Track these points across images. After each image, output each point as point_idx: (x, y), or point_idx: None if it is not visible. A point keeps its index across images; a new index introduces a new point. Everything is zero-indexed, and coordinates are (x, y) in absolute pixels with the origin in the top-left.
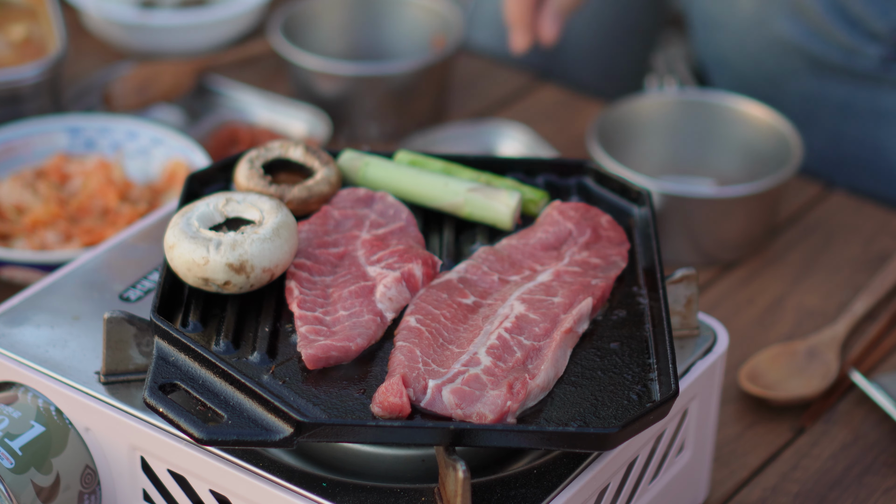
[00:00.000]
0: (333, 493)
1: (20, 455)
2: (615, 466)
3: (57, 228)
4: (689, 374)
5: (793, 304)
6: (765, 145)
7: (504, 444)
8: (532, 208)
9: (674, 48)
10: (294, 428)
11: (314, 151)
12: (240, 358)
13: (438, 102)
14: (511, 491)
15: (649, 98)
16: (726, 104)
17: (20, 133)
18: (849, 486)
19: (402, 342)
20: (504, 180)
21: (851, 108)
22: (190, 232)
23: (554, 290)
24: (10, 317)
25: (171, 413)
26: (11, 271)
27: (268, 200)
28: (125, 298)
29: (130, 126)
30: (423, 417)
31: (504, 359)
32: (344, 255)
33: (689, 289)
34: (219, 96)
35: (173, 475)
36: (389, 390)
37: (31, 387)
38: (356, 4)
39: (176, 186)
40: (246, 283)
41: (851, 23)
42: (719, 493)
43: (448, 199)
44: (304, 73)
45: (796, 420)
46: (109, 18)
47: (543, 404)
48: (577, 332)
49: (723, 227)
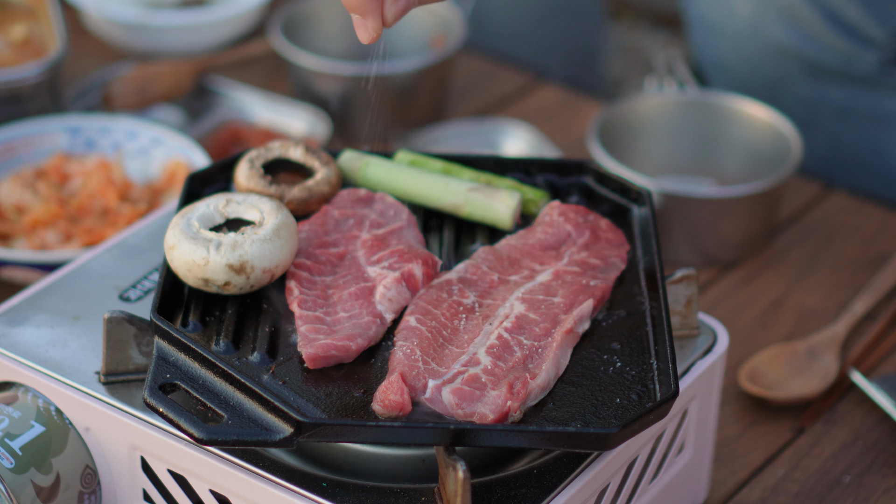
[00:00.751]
0: (333, 493)
1: (20, 455)
2: (615, 466)
3: (57, 228)
4: (689, 374)
5: (793, 304)
6: (765, 145)
7: (504, 444)
8: (532, 208)
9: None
10: (294, 428)
11: (314, 151)
12: (240, 358)
13: (438, 102)
14: (511, 491)
15: (649, 98)
16: (726, 104)
17: (20, 133)
18: (849, 486)
19: (401, 342)
20: (504, 180)
21: (850, 111)
22: (190, 233)
23: (554, 289)
24: (10, 317)
25: (171, 413)
26: (11, 271)
27: (268, 201)
28: (125, 298)
29: (130, 126)
30: (423, 416)
31: (504, 359)
32: (344, 255)
33: (689, 289)
34: (219, 96)
35: (173, 475)
36: (390, 388)
37: (31, 387)
38: None
39: (176, 186)
40: (246, 283)
41: (849, 30)
42: (719, 493)
43: (448, 199)
44: (304, 73)
45: (796, 420)
46: (110, 18)
47: (543, 404)
48: (577, 333)
49: (723, 227)
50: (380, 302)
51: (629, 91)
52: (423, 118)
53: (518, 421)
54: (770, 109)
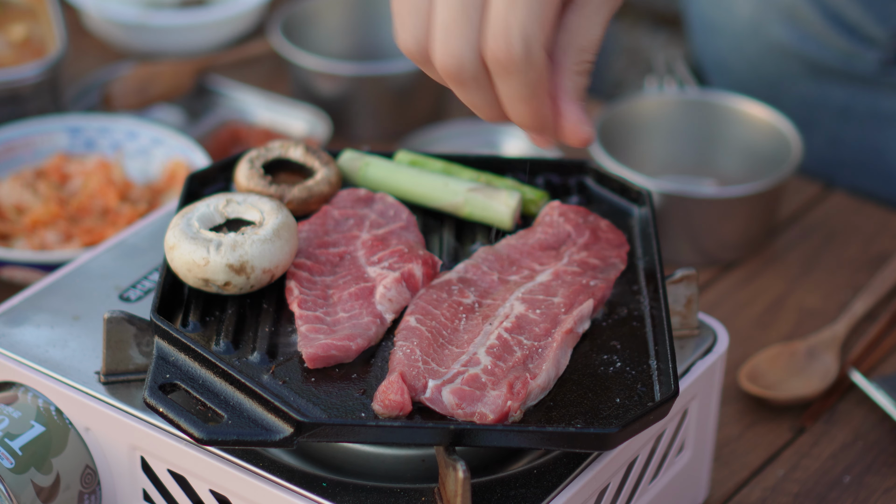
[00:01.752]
0: (333, 493)
1: (20, 455)
2: (615, 466)
3: (57, 228)
4: (689, 374)
5: (793, 304)
6: (765, 145)
7: (504, 444)
8: (532, 208)
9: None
10: (294, 428)
11: (314, 151)
12: (240, 358)
13: (438, 102)
14: (511, 491)
15: (649, 98)
16: (726, 104)
17: (20, 133)
18: (849, 486)
19: (401, 342)
20: (504, 180)
21: (851, 111)
22: (190, 233)
23: (553, 289)
24: (10, 317)
25: (171, 413)
26: (11, 271)
27: (268, 201)
28: (125, 298)
29: (130, 126)
30: (423, 416)
31: (504, 358)
32: (344, 255)
33: (689, 289)
34: (219, 96)
35: (173, 475)
36: (390, 388)
37: (31, 387)
38: (356, 4)
39: (176, 186)
40: (246, 283)
41: (849, 29)
42: (719, 493)
43: (448, 199)
44: (304, 73)
45: (796, 420)
46: (110, 19)
47: (543, 404)
48: (577, 333)
49: (723, 227)
50: (380, 302)
51: (629, 91)
52: (423, 118)
53: (518, 421)
54: (770, 109)
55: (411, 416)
